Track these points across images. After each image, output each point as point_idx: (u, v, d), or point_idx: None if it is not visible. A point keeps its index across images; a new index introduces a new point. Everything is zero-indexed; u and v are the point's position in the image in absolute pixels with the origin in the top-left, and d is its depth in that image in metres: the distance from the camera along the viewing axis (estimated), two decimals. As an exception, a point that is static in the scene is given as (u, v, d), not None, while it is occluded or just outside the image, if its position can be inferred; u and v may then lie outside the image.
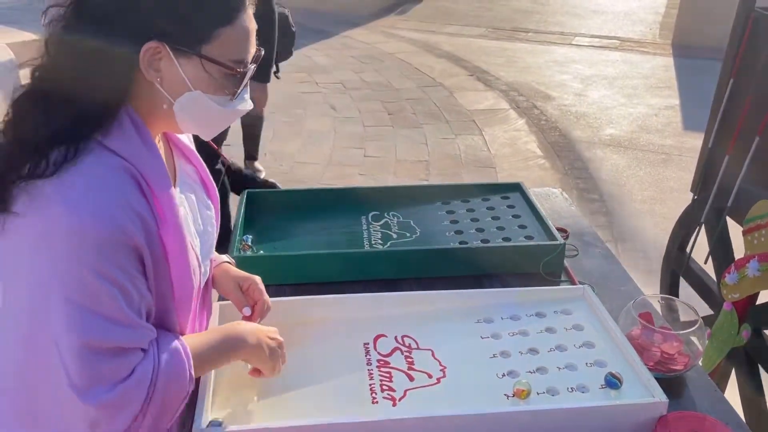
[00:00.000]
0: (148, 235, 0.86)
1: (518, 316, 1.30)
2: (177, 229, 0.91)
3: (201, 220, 1.06)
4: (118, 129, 0.87)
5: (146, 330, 0.88)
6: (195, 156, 1.11)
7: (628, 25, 8.14)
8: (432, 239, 1.60)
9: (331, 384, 1.12)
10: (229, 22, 0.87)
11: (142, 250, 0.86)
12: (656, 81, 6.06)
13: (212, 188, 1.13)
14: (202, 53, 0.87)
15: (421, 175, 4.14)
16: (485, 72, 6.26)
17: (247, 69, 0.92)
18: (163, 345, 0.90)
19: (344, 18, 8.11)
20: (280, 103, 5.28)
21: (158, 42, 0.85)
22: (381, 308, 1.30)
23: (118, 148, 0.86)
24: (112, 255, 0.82)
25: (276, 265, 1.44)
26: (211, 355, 0.99)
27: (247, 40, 0.91)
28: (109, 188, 0.83)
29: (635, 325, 1.23)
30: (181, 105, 0.90)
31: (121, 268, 0.83)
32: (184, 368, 0.91)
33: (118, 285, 0.83)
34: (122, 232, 0.82)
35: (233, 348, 1.02)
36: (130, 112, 0.88)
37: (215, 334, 1.02)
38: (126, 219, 0.83)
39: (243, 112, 0.97)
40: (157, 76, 0.88)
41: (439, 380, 1.13)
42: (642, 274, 3.11)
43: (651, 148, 4.63)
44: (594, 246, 1.66)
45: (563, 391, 1.10)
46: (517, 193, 1.81)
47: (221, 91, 0.91)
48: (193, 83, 0.89)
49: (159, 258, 0.89)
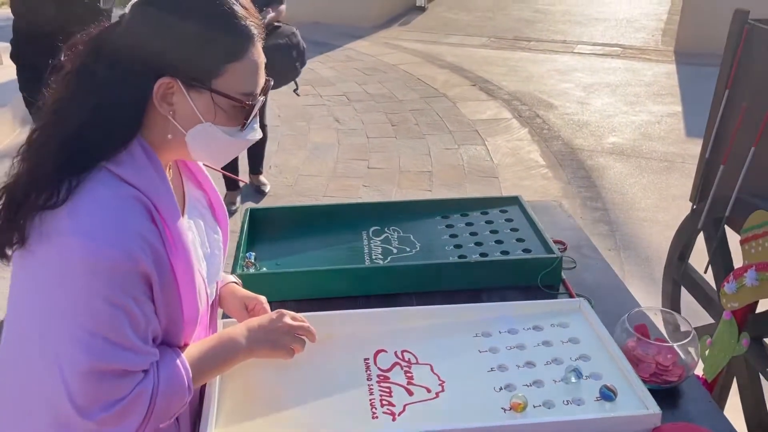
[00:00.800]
0: (157, 261, 0.90)
1: (516, 329, 1.32)
2: (185, 256, 0.95)
3: (209, 243, 1.10)
4: (130, 159, 0.91)
5: (150, 354, 0.92)
6: (206, 179, 1.16)
7: (630, 33, 8.16)
8: (432, 253, 1.63)
9: (332, 399, 1.15)
10: (239, 57, 0.91)
11: (151, 276, 0.89)
12: (659, 88, 6.07)
13: (221, 212, 1.17)
14: (213, 88, 0.91)
15: (425, 186, 4.17)
16: (488, 82, 6.29)
17: (256, 101, 0.96)
18: (163, 364, 0.95)
19: (347, 30, 8.18)
20: (284, 115, 5.33)
21: (171, 78, 0.89)
22: (381, 323, 1.33)
23: (129, 178, 0.90)
24: (123, 283, 0.86)
25: (279, 282, 1.47)
26: (210, 365, 1.04)
27: (256, 73, 0.94)
28: (121, 218, 0.87)
29: (630, 338, 1.25)
30: (192, 136, 0.94)
31: (131, 295, 0.87)
32: (183, 384, 0.96)
33: (126, 311, 0.87)
34: (133, 261, 0.86)
35: (230, 352, 1.06)
36: (142, 142, 0.92)
37: (213, 341, 1.06)
38: (136, 247, 0.86)
39: (252, 141, 1.01)
40: (170, 110, 0.92)
41: (438, 394, 1.16)
42: (645, 283, 3.13)
43: (654, 155, 4.64)
44: (592, 258, 1.68)
45: (559, 404, 1.12)
46: (516, 207, 1.84)
47: (231, 122, 0.95)
48: (204, 115, 0.93)
49: (168, 282, 0.93)
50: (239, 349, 1.07)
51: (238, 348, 1.07)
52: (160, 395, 0.92)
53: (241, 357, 1.09)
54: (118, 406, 0.88)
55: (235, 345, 1.07)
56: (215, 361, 1.05)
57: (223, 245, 1.16)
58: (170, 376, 0.94)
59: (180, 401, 0.96)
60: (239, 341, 1.07)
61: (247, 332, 1.09)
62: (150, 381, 0.92)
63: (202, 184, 1.15)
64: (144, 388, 0.91)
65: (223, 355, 1.06)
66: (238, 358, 1.08)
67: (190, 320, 0.99)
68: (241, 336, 1.08)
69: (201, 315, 1.02)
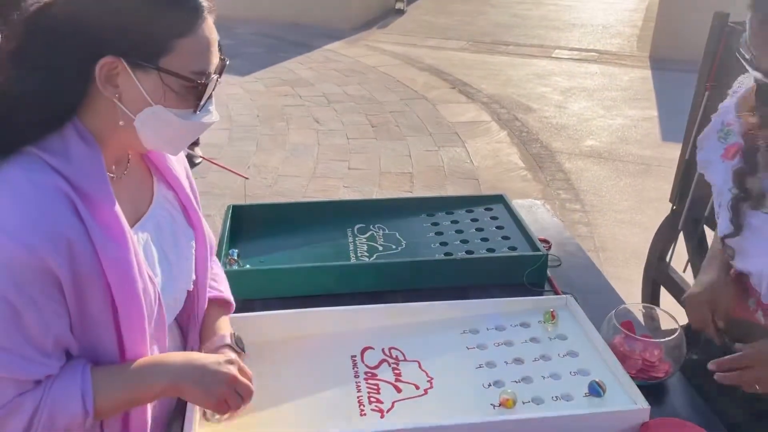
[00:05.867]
0: (75, 260, 0.82)
1: (503, 326, 1.31)
2: (119, 254, 0.87)
3: (176, 248, 1.03)
4: (61, 145, 0.84)
5: (41, 364, 0.83)
6: (177, 181, 1.08)
7: (606, 38, 8.27)
8: (417, 251, 1.62)
9: (320, 397, 1.13)
10: (188, 33, 0.85)
11: (62, 277, 0.82)
12: (634, 93, 6.16)
13: (195, 216, 1.09)
14: (161, 66, 0.84)
15: (405, 187, 4.17)
16: (467, 85, 6.32)
17: (209, 80, 0.89)
18: (59, 380, 0.86)
19: (326, 32, 8.15)
20: (263, 115, 5.28)
21: (114, 57, 0.83)
22: (368, 321, 1.31)
23: (57, 165, 0.83)
24: (21, 280, 0.79)
25: (262, 279, 1.45)
26: (127, 391, 0.90)
27: (209, 50, 0.88)
28: (34, 209, 0.80)
29: (617, 334, 1.25)
30: (141, 121, 0.87)
31: (28, 295, 0.80)
32: (77, 406, 0.85)
33: (17, 313, 0.80)
34: (38, 258, 0.79)
35: (153, 381, 0.92)
36: (80, 128, 0.86)
37: (136, 366, 0.91)
38: (46, 243, 0.79)
39: (208, 125, 0.94)
40: (116, 93, 0.85)
41: (426, 391, 1.14)
42: (623, 284, 3.15)
43: (630, 158, 4.70)
44: (576, 256, 1.69)
45: (548, 400, 1.12)
46: (501, 205, 1.84)
47: (183, 105, 0.88)
48: (153, 97, 0.86)
49: (93, 284, 0.85)
50: (165, 380, 0.92)
51: (165, 379, 0.92)
52: (47, 413, 0.83)
53: (166, 390, 0.94)
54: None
55: (163, 375, 0.92)
56: (132, 389, 0.90)
57: (196, 251, 1.08)
58: (61, 393, 0.84)
59: (72, 423, 0.86)
60: (168, 373, 0.92)
61: (183, 366, 0.94)
62: (37, 394, 0.83)
63: (172, 184, 1.07)
64: (25, 401, 0.82)
65: (143, 383, 0.91)
66: (163, 390, 0.93)
67: (132, 325, 0.90)
68: (174, 368, 0.93)
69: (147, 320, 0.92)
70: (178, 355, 0.99)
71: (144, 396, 0.94)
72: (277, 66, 6.68)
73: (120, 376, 0.91)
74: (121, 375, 0.91)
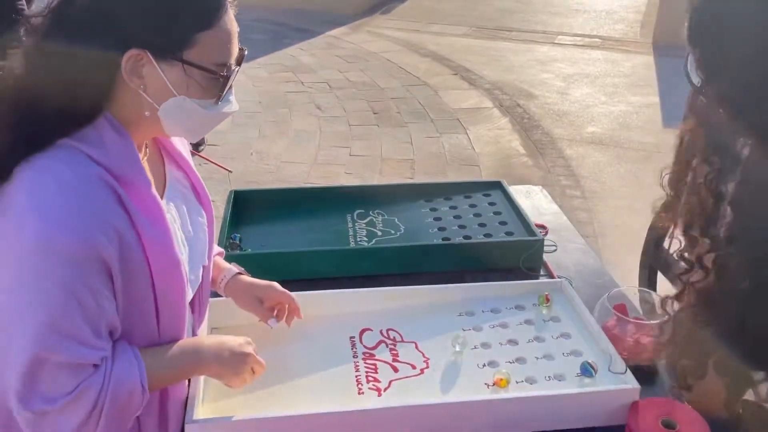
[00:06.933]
0: (122, 247, 0.86)
1: (498, 309, 1.35)
2: (161, 237, 0.91)
3: (191, 226, 1.07)
4: (97, 136, 0.87)
5: (100, 348, 0.87)
6: (186, 163, 1.11)
7: (609, 24, 8.23)
8: (416, 236, 1.65)
9: (319, 376, 1.16)
10: (210, 25, 0.87)
11: (111, 264, 0.85)
12: (637, 79, 6.14)
13: (204, 195, 1.13)
14: (185, 58, 0.87)
15: (407, 174, 4.19)
16: (469, 71, 6.31)
17: (231, 72, 0.92)
18: (117, 361, 0.89)
19: (329, 17, 8.12)
20: (265, 102, 5.29)
21: (140, 49, 0.85)
22: (366, 303, 1.34)
23: (95, 155, 0.86)
24: (79, 269, 0.82)
25: (264, 263, 1.47)
26: (169, 371, 0.98)
27: (230, 43, 0.91)
28: (83, 201, 0.83)
29: (610, 316, 1.28)
30: (166, 110, 0.90)
31: (86, 283, 0.83)
32: (136, 385, 0.90)
33: (79, 300, 0.83)
34: (91, 247, 0.82)
35: (191, 364, 1.01)
36: (110, 119, 0.88)
37: (176, 349, 0.99)
38: (97, 232, 0.82)
39: (228, 114, 0.98)
40: (141, 84, 0.88)
41: (422, 371, 1.18)
42: (622, 269, 3.17)
43: (631, 145, 4.71)
44: (572, 241, 1.71)
45: (541, 380, 1.15)
46: (499, 191, 1.86)
47: (206, 95, 0.91)
48: (177, 88, 0.89)
49: (137, 269, 0.89)
50: (202, 363, 1.02)
51: (201, 362, 1.02)
52: (110, 394, 0.87)
53: (200, 371, 1.05)
54: (62, 401, 0.83)
55: (199, 359, 1.01)
56: (173, 370, 0.98)
57: (208, 229, 1.13)
58: (122, 374, 0.88)
59: (132, 403, 0.90)
60: (204, 356, 1.02)
61: (215, 349, 1.03)
62: (99, 378, 0.87)
63: (182, 166, 1.11)
64: (91, 385, 0.86)
65: (182, 365, 0.99)
66: (198, 371, 1.04)
67: (171, 307, 0.95)
68: (208, 352, 1.02)
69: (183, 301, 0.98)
70: (208, 339, 1.08)
71: (181, 376, 1.03)
72: (280, 52, 6.67)
73: (163, 357, 0.96)
74: (164, 356, 0.96)
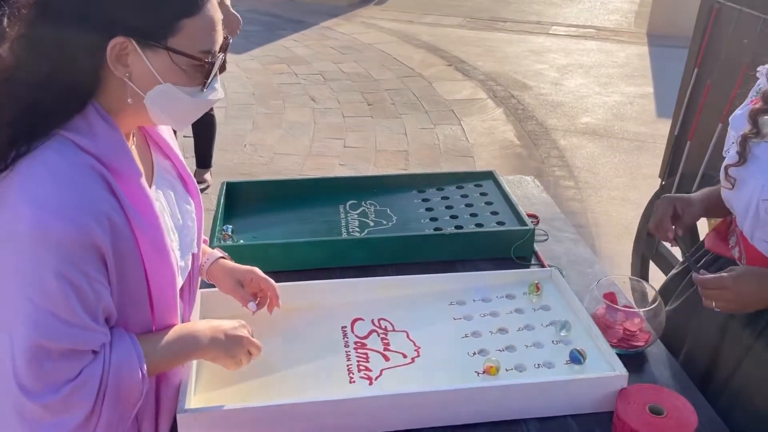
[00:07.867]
0: (115, 234, 0.87)
1: (489, 298, 1.35)
2: (151, 225, 0.92)
3: (180, 214, 1.07)
4: (86, 126, 0.88)
5: (99, 333, 0.88)
6: (172, 151, 1.12)
7: (604, 14, 8.23)
8: (408, 226, 1.65)
9: (311, 365, 1.17)
10: (194, 12, 0.88)
11: (105, 251, 0.86)
12: (631, 70, 6.15)
13: (191, 182, 1.14)
14: (169, 46, 0.88)
15: (401, 165, 4.19)
16: (463, 62, 6.30)
17: (215, 59, 0.93)
18: (115, 347, 0.90)
19: (323, 8, 8.09)
20: (259, 94, 5.28)
21: (124, 37, 0.86)
22: (358, 293, 1.35)
23: (86, 145, 0.87)
24: (74, 257, 0.83)
25: (256, 254, 1.48)
26: (166, 357, 0.99)
27: (214, 30, 0.91)
28: (75, 189, 0.84)
29: (600, 305, 1.29)
30: (151, 98, 0.91)
31: (82, 270, 0.84)
32: (136, 370, 0.91)
33: (76, 287, 0.83)
34: (85, 234, 0.83)
35: (187, 348, 1.02)
36: (98, 108, 0.89)
37: (172, 334, 1.00)
38: (90, 220, 0.83)
39: (214, 101, 0.99)
40: (126, 72, 0.88)
41: (413, 360, 1.19)
42: (616, 259, 3.20)
43: (625, 135, 4.72)
44: (563, 231, 1.72)
45: (530, 368, 1.16)
46: (490, 181, 1.87)
47: (191, 82, 0.92)
48: (163, 76, 0.89)
49: (130, 256, 0.90)
50: (198, 347, 1.03)
51: (198, 347, 1.03)
52: (111, 380, 0.87)
53: (197, 355, 1.06)
54: (66, 390, 0.84)
55: (196, 342, 1.03)
56: (170, 355, 0.99)
57: (196, 217, 1.14)
58: (122, 360, 0.89)
59: (133, 388, 0.91)
60: (200, 340, 1.03)
61: (210, 333, 1.05)
62: (99, 364, 0.87)
63: (169, 155, 1.12)
64: (93, 371, 0.86)
65: (179, 350, 1.01)
66: (195, 355, 1.06)
67: (163, 294, 0.96)
68: (204, 336, 1.04)
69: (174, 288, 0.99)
70: (203, 323, 1.08)
71: (178, 361, 1.04)
72: (273, 44, 6.65)
73: (158, 343, 0.97)
74: (160, 342, 0.98)
